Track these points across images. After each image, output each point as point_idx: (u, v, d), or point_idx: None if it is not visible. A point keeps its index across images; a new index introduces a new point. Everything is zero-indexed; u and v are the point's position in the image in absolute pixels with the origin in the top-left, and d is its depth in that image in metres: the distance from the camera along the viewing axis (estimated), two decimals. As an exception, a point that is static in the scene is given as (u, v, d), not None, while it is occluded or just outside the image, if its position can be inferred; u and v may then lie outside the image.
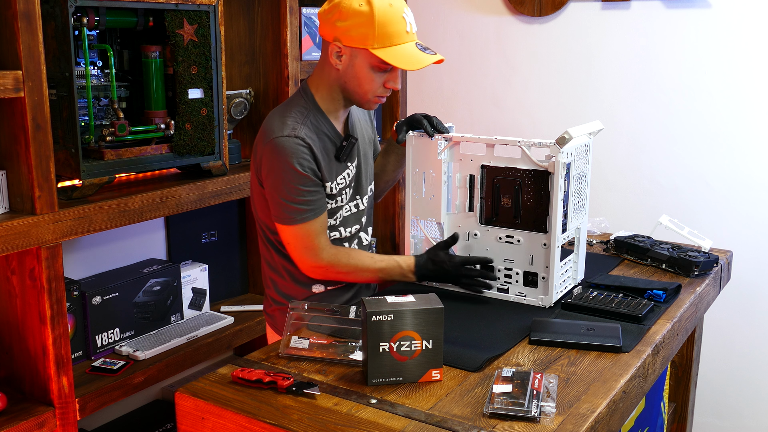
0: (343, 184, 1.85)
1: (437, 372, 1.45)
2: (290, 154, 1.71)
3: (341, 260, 1.81)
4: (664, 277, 2.04)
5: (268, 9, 2.54)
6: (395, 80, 1.76)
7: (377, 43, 1.68)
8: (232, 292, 2.72)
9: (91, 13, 1.98)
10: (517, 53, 3.01)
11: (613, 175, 2.87)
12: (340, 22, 1.70)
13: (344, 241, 1.91)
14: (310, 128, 1.76)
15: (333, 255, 1.81)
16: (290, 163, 1.71)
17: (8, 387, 1.98)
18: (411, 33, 1.72)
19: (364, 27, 1.67)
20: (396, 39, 1.69)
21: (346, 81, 1.76)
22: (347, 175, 1.86)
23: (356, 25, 1.68)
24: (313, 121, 1.78)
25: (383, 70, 1.73)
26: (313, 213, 1.77)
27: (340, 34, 1.70)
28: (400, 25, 1.69)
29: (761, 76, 2.58)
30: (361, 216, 1.94)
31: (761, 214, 2.65)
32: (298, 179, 1.73)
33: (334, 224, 1.87)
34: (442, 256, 1.84)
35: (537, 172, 1.78)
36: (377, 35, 1.67)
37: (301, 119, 1.76)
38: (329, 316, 1.67)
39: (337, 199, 1.85)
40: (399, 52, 1.69)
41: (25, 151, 1.79)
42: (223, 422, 1.37)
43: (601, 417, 1.35)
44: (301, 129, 1.74)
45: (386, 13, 1.68)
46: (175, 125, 2.19)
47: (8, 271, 1.90)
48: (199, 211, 2.55)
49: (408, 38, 1.71)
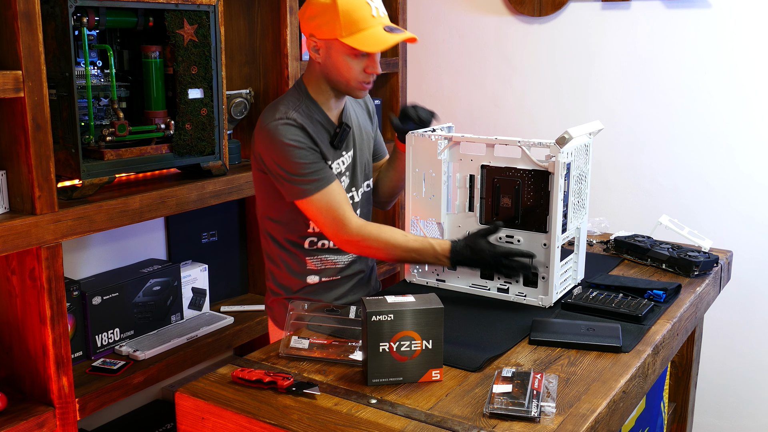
0: (339, 169, 1.88)
1: (437, 372, 1.45)
2: (284, 134, 1.76)
3: (371, 234, 1.80)
4: (664, 277, 2.04)
5: (268, 9, 2.54)
6: (374, 65, 1.80)
7: (344, 32, 1.73)
8: (232, 292, 2.72)
9: (91, 13, 1.98)
10: (517, 53, 3.01)
11: (613, 175, 2.87)
12: (310, 18, 1.77)
13: None
14: (303, 114, 1.81)
15: (361, 227, 1.80)
16: (286, 141, 1.76)
17: (8, 387, 1.98)
18: (378, 17, 1.76)
19: (330, 19, 1.73)
20: (362, 24, 1.73)
21: (328, 72, 1.81)
22: (342, 163, 1.89)
23: (324, 19, 1.74)
24: (305, 109, 1.83)
25: (359, 56, 1.77)
26: (324, 181, 1.78)
27: (312, 29, 1.78)
28: (364, 11, 1.74)
29: (761, 76, 2.58)
30: (356, 208, 1.95)
31: (761, 214, 2.65)
32: (298, 153, 1.76)
33: None
34: (482, 244, 1.77)
35: (537, 172, 1.78)
36: (343, 24, 1.73)
37: (293, 106, 1.82)
38: (329, 316, 1.67)
39: None
40: (365, 36, 1.73)
41: (25, 151, 1.79)
42: (223, 422, 1.37)
43: (601, 417, 1.35)
44: (292, 113, 1.80)
45: (348, 1, 1.73)
46: (175, 125, 2.19)
47: (8, 271, 1.90)
48: (199, 211, 2.55)
49: (374, 22, 1.75)
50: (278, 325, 1.99)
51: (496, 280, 1.88)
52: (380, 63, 1.84)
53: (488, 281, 1.89)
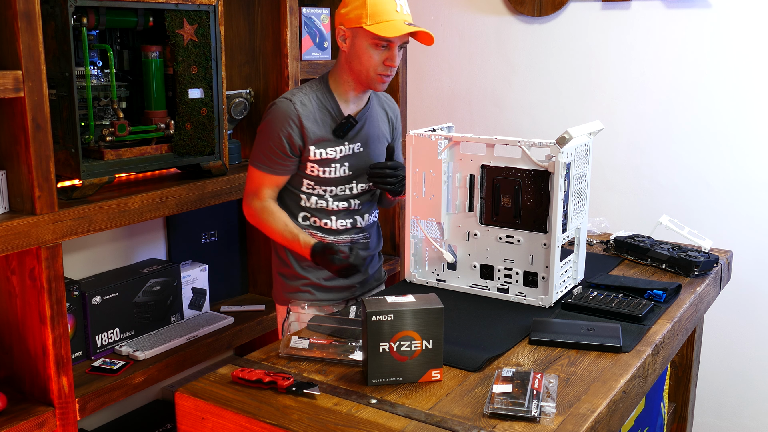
0: (333, 155, 2.01)
1: (437, 372, 1.45)
2: (278, 113, 1.96)
3: (262, 214, 2.02)
4: (664, 277, 2.04)
5: (268, 9, 2.54)
6: (392, 58, 1.95)
7: (369, 20, 1.90)
8: (232, 292, 2.72)
9: (91, 13, 1.98)
10: (517, 53, 3.01)
11: (613, 175, 2.87)
12: (343, 9, 1.97)
13: (332, 214, 2.06)
14: (312, 99, 1.99)
15: (261, 207, 2.02)
16: (276, 121, 1.96)
17: (8, 387, 1.98)
18: (401, 13, 1.93)
19: (358, 7, 1.92)
20: (385, 16, 1.91)
21: (351, 60, 1.97)
22: (339, 151, 2.02)
23: (353, 8, 1.93)
24: (319, 96, 2.01)
25: (380, 48, 1.93)
26: (269, 169, 2.00)
27: (342, 19, 1.96)
28: (389, 5, 1.92)
29: (761, 76, 2.58)
30: (351, 198, 2.07)
31: (761, 214, 2.65)
32: (274, 138, 1.97)
33: (322, 194, 2.04)
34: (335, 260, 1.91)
35: (537, 172, 1.78)
36: (369, 14, 1.91)
37: (306, 90, 2.01)
38: (329, 316, 1.67)
39: (325, 169, 2.01)
40: (386, 25, 1.90)
41: (25, 151, 1.79)
42: (223, 422, 1.37)
43: (601, 417, 1.35)
44: (298, 95, 1.98)
45: None
46: (175, 125, 2.19)
47: (8, 271, 1.90)
48: (199, 211, 2.55)
49: (397, 16, 1.92)
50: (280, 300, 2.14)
51: (496, 280, 1.88)
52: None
53: (488, 281, 1.89)
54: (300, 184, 2.04)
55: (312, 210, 2.06)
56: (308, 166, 2.00)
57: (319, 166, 2.00)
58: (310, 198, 2.05)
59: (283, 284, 2.12)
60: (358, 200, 2.09)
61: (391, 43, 1.93)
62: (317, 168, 2.01)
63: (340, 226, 2.07)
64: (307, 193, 2.04)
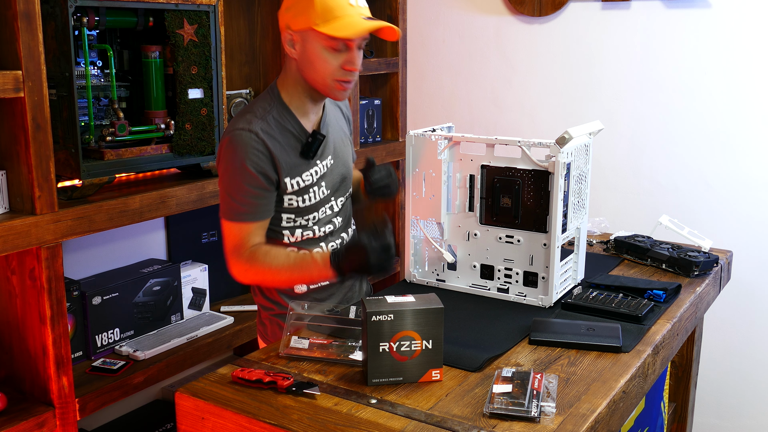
0: (309, 181, 1.78)
1: (437, 372, 1.45)
2: (243, 148, 1.68)
3: (258, 258, 1.72)
4: (664, 277, 2.04)
5: (268, 9, 2.54)
6: (352, 61, 1.70)
7: (319, 20, 1.65)
8: (232, 292, 2.72)
9: (91, 13, 1.98)
10: (517, 53, 3.01)
11: (613, 175, 2.87)
12: (287, 10, 1.70)
13: (320, 240, 1.84)
14: (271, 123, 1.72)
15: (252, 253, 1.73)
16: (242, 158, 1.68)
17: (8, 387, 1.98)
18: (355, 6, 1.68)
19: (305, 7, 1.66)
20: (338, 12, 1.65)
21: (304, 68, 1.72)
22: (315, 173, 1.79)
23: (299, 7, 1.67)
24: (276, 116, 1.74)
25: (336, 50, 1.68)
26: (252, 216, 1.72)
27: (288, 20, 1.70)
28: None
29: (761, 76, 2.58)
30: (333, 217, 1.86)
31: (761, 214, 2.65)
32: (246, 177, 1.69)
33: (305, 224, 1.81)
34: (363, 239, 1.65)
35: (537, 172, 1.78)
36: (318, 12, 1.65)
37: (261, 114, 1.73)
38: (329, 316, 1.67)
39: (305, 197, 1.78)
40: (340, 23, 1.65)
41: (25, 151, 1.79)
42: (223, 422, 1.37)
43: (601, 417, 1.35)
44: (257, 123, 1.70)
45: None
46: (175, 125, 2.19)
47: (8, 271, 1.90)
48: (199, 211, 2.55)
49: (352, 11, 1.67)
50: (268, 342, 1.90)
51: (496, 280, 1.88)
52: (380, 63, 1.78)
53: (488, 281, 1.89)
54: (279, 220, 1.79)
55: (300, 244, 1.82)
56: (285, 200, 1.77)
57: (298, 196, 1.77)
58: (295, 232, 1.81)
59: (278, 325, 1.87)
60: (340, 217, 1.88)
61: (350, 42, 1.68)
62: (296, 199, 1.77)
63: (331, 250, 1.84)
64: (290, 228, 1.80)
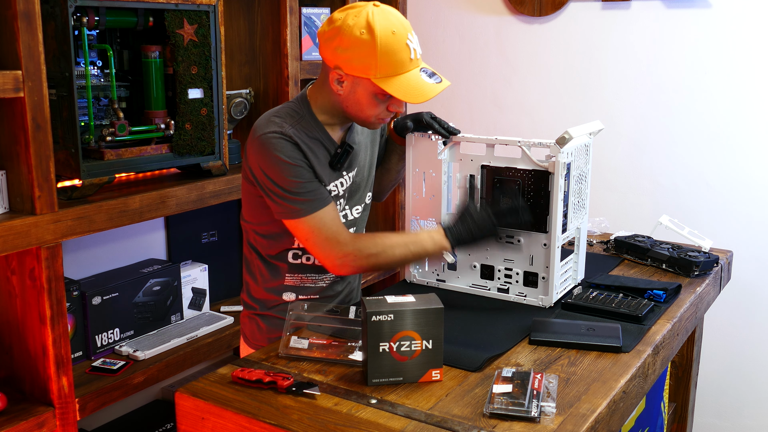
0: (335, 192, 1.76)
1: (437, 372, 1.45)
2: (278, 148, 1.65)
3: (366, 242, 1.69)
4: (664, 277, 2.04)
5: (268, 9, 2.54)
6: (399, 104, 1.68)
7: (380, 73, 1.60)
8: (232, 292, 2.72)
9: (91, 13, 1.98)
10: (517, 53, 3.01)
11: (613, 175, 2.87)
12: (341, 50, 1.62)
13: None
14: (300, 131, 1.69)
15: (355, 239, 1.69)
16: (280, 156, 1.64)
17: (8, 387, 1.98)
18: (416, 59, 1.65)
19: (366, 57, 1.60)
20: (399, 68, 1.61)
21: (348, 106, 1.69)
22: (341, 184, 1.78)
23: (358, 55, 1.60)
24: (305, 126, 1.71)
25: (386, 97, 1.66)
26: (320, 202, 1.67)
27: (341, 62, 1.63)
28: (403, 53, 1.61)
29: (761, 76, 2.58)
30: (349, 226, 1.84)
31: (761, 214, 2.65)
32: (294, 171, 1.65)
33: None
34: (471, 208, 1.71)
35: (537, 172, 1.78)
36: (379, 65, 1.60)
37: (290, 121, 1.70)
38: (329, 316, 1.67)
39: None
40: (403, 81, 1.62)
41: (25, 151, 1.79)
42: (223, 422, 1.37)
43: (601, 417, 1.35)
44: (288, 128, 1.68)
45: (389, 42, 1.60)
46: (175, 125, 2.19)
47: (8, 271, 1.90)
48: (199, 211, 2.55)
49: (412, 65, 1.64)
50: (248, 343, 1.89)
51: (496, 281, 1.88)
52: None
53: (488, 281, 1.89)
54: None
55: (303, 248, 1.79)
56: None
57: None
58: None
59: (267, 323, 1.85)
60: (353, 228, 1.86)
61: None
62: None
63: None
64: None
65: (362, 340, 1.46)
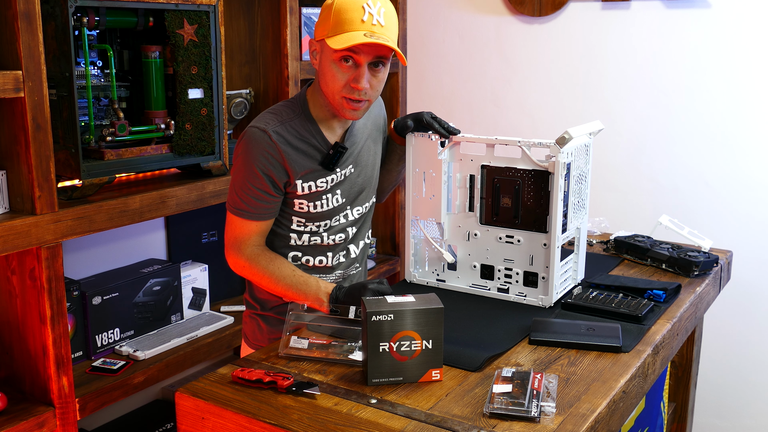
0: (323, 187, 1.77)
1: (437, 372, 1.45)
2: (255, 147, 1.69)
3: (261, 261, 1.75)
4: (664, 277, 2.04)
5: (268, 9, 2.54)
6: (359, 79, 1.64)
7: (330, 32, 1.63)
8: (232, 292, 2.72)
9: (91, 13, 1.98)
10: (517, 53, 3.01)
11: (613, 175, 2.87)
12: (317, 21, 1.70)
13: (327, 250, 1.83)
14: (289, 130, 1.71)
15: (255, 254, 1.75)
16: (251, 157, 1.69)
17: (8, 387, 1.98)
18: (367, 22, 1.61)
19: (325, 18, 1.65)
20: (347, 26, 1.61)
21: (320, 80, 1.71)
22: (330, 180, 1.77)
23: (321, 18, 1.67)
24: (297, 124, 1.73)
25: (345, 65, 1.64)
26: (253, 215, 1.73)
27: (315, 30, 1.71)
28: (355, 14, 1.61)
29: (761, 76, 2.58)
30: (348, 226, 1.85)
31: (761, 214, 2.65)
32: (252, 176, 1.70)
33: (315, 230, 1.80)
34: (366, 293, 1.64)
35: (537, 172, 1.78)
36: (332, 23, 1.63)
37: (280, 119, 1.72)
38: (329, 316, 1.67)
39: (316, 203, 1.77)
40: (344, 37, 1.61)
41: (25, 151, 1.79)
42: (223, 422, 1.37)
43: (601, 417, 1.35)
44: (276, 125, 1.70)
45: (345, 2, 1.63)
46: (175, 125, 2.19)
47: (8, 271, 1.90)
48: (199, 211, 2.55)
49: (360, 27, 1.61)
50: (248, 343, 1.91)
51: (496, 281, 1.88)
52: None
53: (488, 281, 1.89)
54: (289, 222, 1.79)
55: (304, 248, 1.81)
56: (296, 203, 1.76)
57: (309, 201, 1.76)
58: (302, 236, 1.80)
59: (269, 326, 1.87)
60: (354, 227, 1.86)
61: (357, 58, 1.63)
62: (306, 203, 1.76)
63: (335, 262, 1.85)
64: (298, 232, 1.80)
65: (362, 340, 1.46)
